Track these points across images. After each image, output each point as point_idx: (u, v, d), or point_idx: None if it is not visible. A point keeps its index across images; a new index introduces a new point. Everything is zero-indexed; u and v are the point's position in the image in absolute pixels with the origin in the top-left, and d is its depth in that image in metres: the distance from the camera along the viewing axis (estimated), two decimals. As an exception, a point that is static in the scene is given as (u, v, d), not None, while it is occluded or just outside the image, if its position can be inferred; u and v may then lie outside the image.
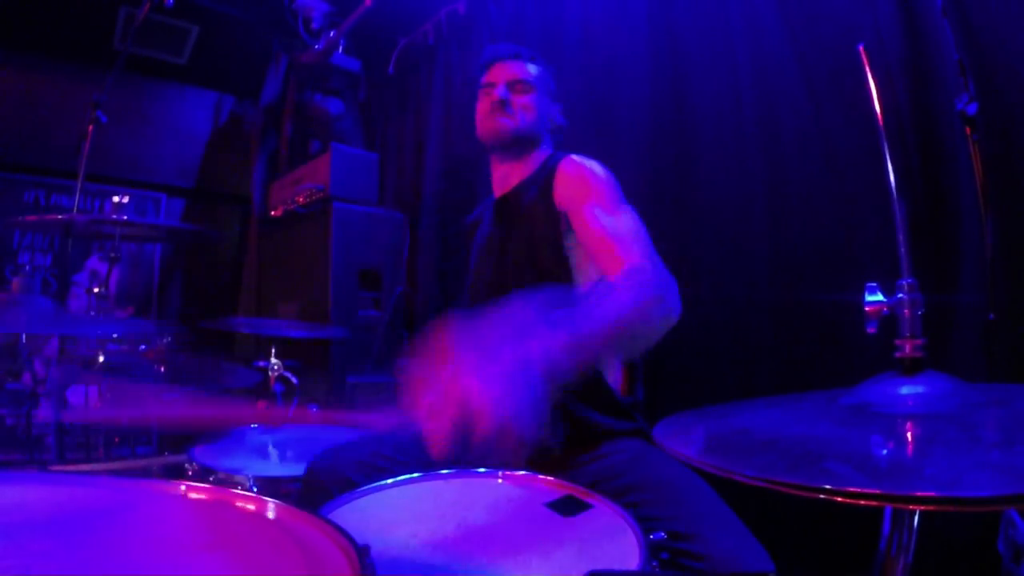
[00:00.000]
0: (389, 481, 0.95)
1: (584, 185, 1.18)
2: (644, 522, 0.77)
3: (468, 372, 0.62)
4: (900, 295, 0.67)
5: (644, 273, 0.96)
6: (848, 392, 0.67)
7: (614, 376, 1.24)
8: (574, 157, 1.27)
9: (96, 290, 1.83)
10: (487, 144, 1.37)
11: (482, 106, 1.37)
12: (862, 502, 0.43)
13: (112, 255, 1.79)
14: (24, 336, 2.54)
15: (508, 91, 1.33)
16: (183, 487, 0.68)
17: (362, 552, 0.51)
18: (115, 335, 1.80)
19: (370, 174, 2.85)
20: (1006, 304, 1.16)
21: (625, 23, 1.92)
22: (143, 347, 1.87)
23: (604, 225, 1.08)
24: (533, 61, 1.39)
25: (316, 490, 1.06)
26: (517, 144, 1.34)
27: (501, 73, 1.36)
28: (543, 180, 1.27)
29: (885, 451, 0.54)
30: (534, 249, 1.23)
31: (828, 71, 1.45)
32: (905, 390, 0.63)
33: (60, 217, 2.55)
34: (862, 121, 1.35)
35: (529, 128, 1.33)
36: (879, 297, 0.69)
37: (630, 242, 1.03)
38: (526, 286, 1.16)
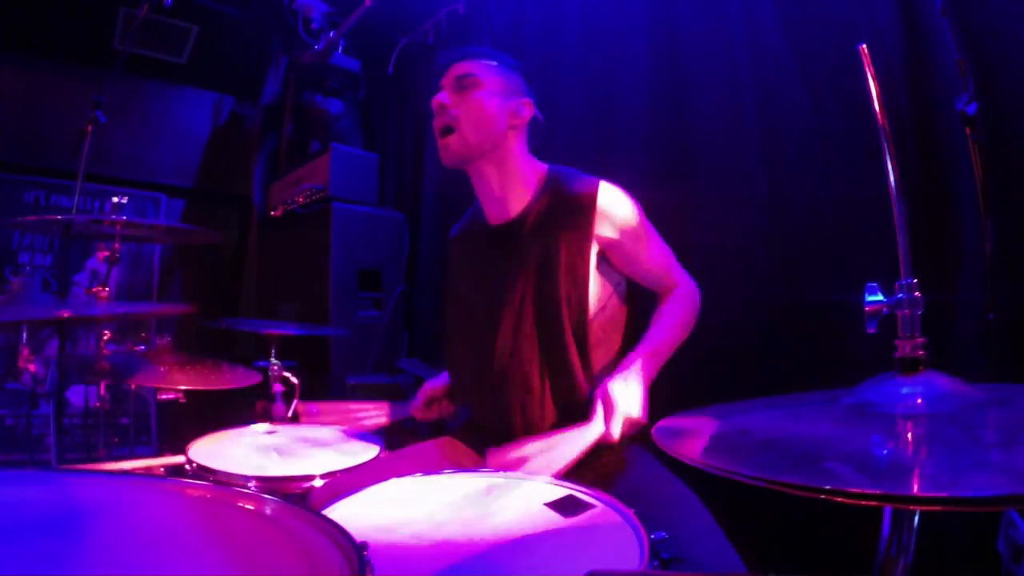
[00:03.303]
0: (391, 480, 0.95)
1: (634, 219, 1.22)
2: (642, 521, 0.77)
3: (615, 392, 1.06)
4: (900, 295, 0.67)
5: (687, 288, 1.26)
6: (848, 392, 0.67)
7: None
8: (607, 185, 1.21)
9: (96, 290, 1.82)
10: (452, 169, 1.27)
11: (434, 124, 1.25)
12: (862, 502, 0.43)
13: (112, 255, 1.79)
14: (25, 336, 2.54)
15: (454, 92, 1.22)
16: (183, 486, 0.68)
17: (360, 550, 0.52)
18: (110, 334, 1.78)
19: (370, 174, 2.85)
20: (1006, 304, 1.16)
21: (625, 23, 1.92)
22: (143, 347, 1.87)
23: (655, 255, 1.25)
24: (480, 57, 1.25)
25: None
26: (476, 159, 1.23)
27: (448, 77, 1.25)
28: (573, 206, 1.19)
29: (885, 451, 0.54)
30: (555, 277, 1.18)
31: (828, 71, 1.45)
32: (905, 390, 0.63)
33: (60, 217, 2.55)
34: (862, 121, 1.35)
35: (480, 136, 1.20)
36: (879, 297, 0.69)
37: (673, 265, 1.27)
38: (539, 312, 1.19)
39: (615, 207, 1.20)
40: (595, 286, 1.20)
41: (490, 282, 1.27)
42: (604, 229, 1.18)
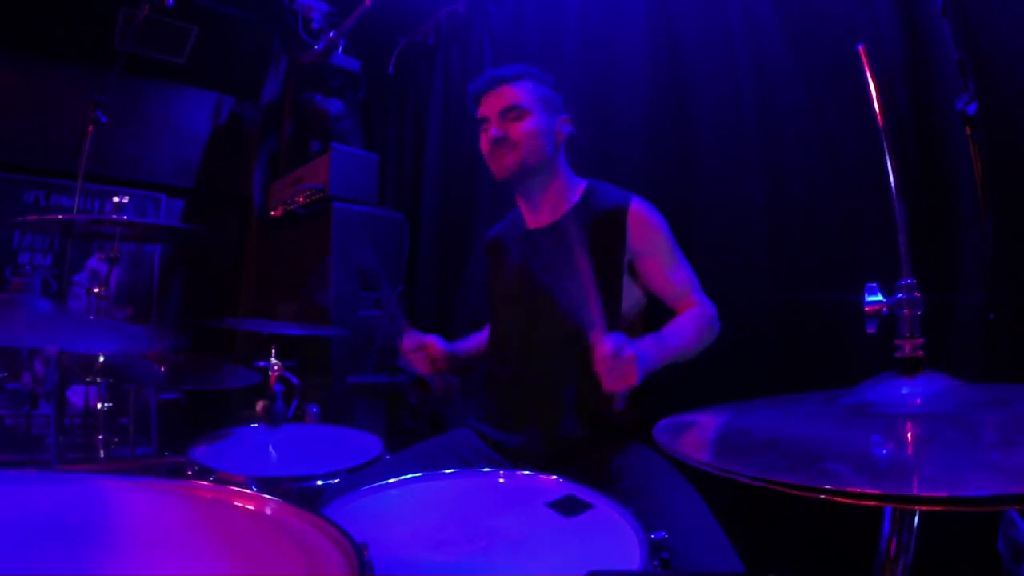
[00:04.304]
0: (390, 480, 0.95)
1: (661, 235, 1.27)
2: (642, 521, 0.78)
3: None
4: (900, 295, 0.67)
5: (707, 310, 1.26)
6: (848, 392, 0.67)
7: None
8: (637, 201, 1.27)
9: (96, 290, 1.82)
10: (501, 182, 1.33)
11: (483, 145, 1.33)
12: (862, 502, 0.43)
13: (112, 255, 1.79)
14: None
15: (502, 122, 1.28)
16: (183, 486, 0.68)
17: (360, 550, 0.52)
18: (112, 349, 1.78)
19: (370, 174, 2.85)
20: (1006, 304, 1.16)
21: (625, 23, 1.92)
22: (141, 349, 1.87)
23: (678, 273, 1.27)
24: (522, 79, 1.31)
25: None
26: (527, 175, 1.30)
27: (491, 105, 1.30)
28: (607, 217, 1.26)
29: (885, 451, 0.54)
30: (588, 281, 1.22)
31: (828, 71, 1.45)
32: (905, 390, 0.63)
33: (60, 217, 2.55)
34: (862, 121, 1.35)
35: (534, 156, 1.28)
36: (879, 297, 0.69)
37: (695, 287, 1.28)
38: (571, 315, 1.20)
39: (646, 221, 1.26)
40: (626, 294, 1.25)
41: (523, 281, 1.33)
42: (635, 241, 1.25)
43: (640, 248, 1.26)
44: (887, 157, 0.70)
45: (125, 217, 1.71)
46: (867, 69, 0.72)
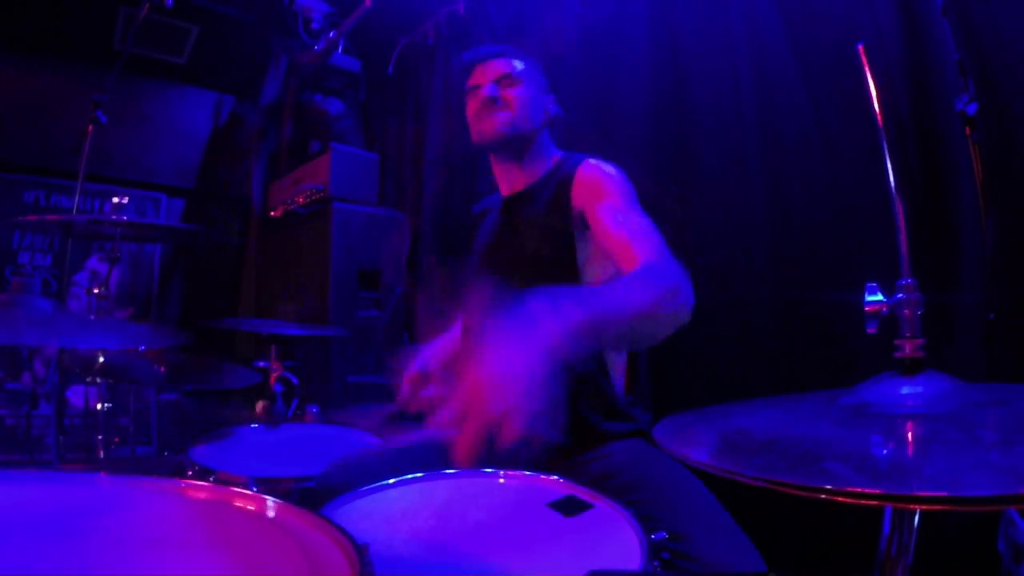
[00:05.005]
0: (391, 481, 0.95)
1: (601, 185, 1.21)
2: (642, 521, 0.77)
3: (490, 377, 0.62)
4: (900, 295, 0.67)
5: (659, 267, 0.97)
6: (848, 392, 0.67)
7: (616, 376, 1.24)
8: (592, 160, 1.27)
9: (96, 290, 1.82)
10: (484, 146, 1.34)
11: (471, 108, 1.34)
12: (863, 502, 0.43)
13: (112, 255, 1.79)
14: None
15: (496, 88, 1.30)
16: (183, 486, 0.68)
17: (361, 551, 0.52)
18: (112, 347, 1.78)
19: (370, 174, 2.85)
20: (1006, 304, 1.16)
21: (625, 23, 1.92)
22: (143, 347, 1.87)
23: (620, 223, 1.11)
24: (517, 56, 1.36)
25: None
26: (514, 140, 1.30)
27: (486, 73, 1.33)
28: (559, 182, 1.26)
29: (885, 451, 0.54)
30: (545, 248, 1.23)
31: (828, 71, 1.45)
32: (905, 390, 0.63)
33: (60, 217, 2.55)
34: (862, 121, 1.35)
35: (524, 121, 1.29)
36: (879, 297, 0.69)
37: (644, 239, 1.05)
38: (533, 286, 1.19)
39: (588, 176, 1.24)
40: (585, 254, 1.22)
41: (494, 245, 1.35)
42: (577, 196, 1.23)
43: (583, 202, 1.20)
44: (887, 157, 0.71)
45: (125, 217, 1.71)
46: (867, 69, 0.72)
